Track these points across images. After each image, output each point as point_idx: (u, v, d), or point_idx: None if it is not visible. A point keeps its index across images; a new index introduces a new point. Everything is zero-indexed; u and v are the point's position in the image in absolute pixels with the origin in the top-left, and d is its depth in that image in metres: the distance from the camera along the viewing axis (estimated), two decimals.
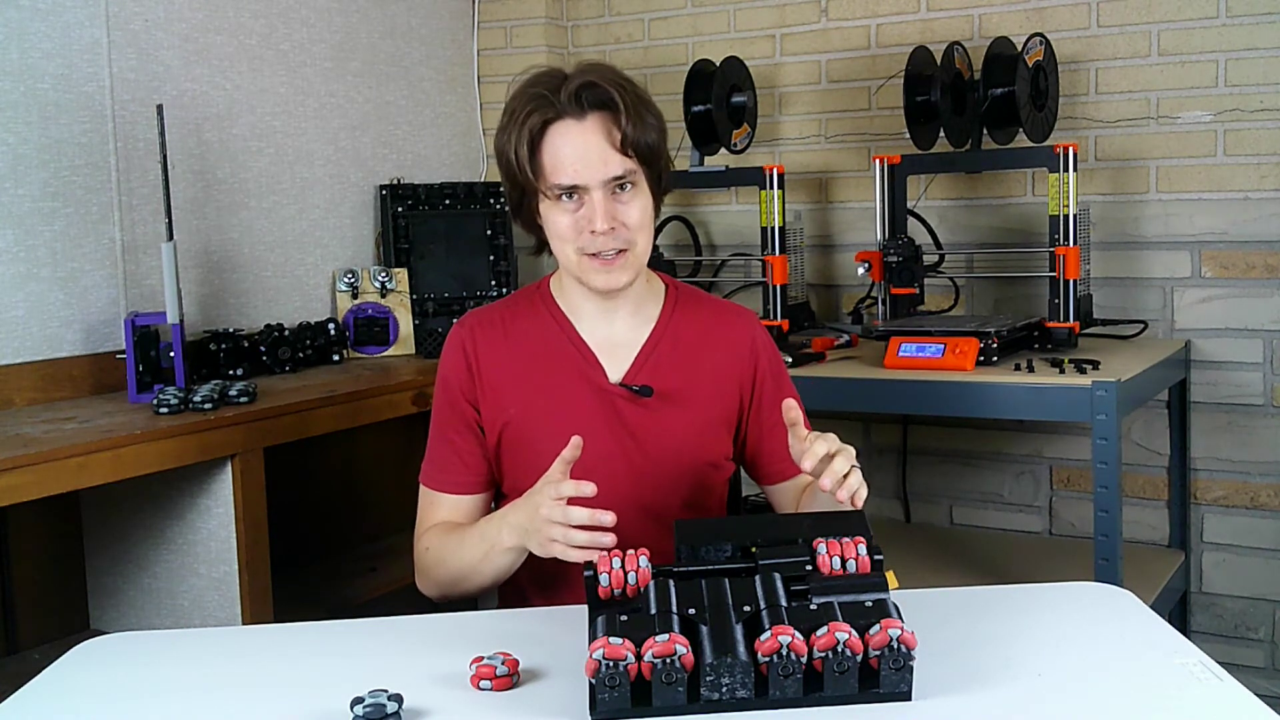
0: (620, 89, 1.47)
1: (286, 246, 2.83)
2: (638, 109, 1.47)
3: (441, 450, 1.61)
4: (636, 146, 1.46)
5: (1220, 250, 2.71)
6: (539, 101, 1.47)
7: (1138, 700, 1.10)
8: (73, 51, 2.35)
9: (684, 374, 1.59)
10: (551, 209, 1.50)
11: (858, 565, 1.18)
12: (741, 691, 1.06)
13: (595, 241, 1.48)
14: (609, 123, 1.46)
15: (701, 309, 1.64)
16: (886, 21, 3.04)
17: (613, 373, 1.57)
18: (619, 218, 1.47)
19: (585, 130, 1.46)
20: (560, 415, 1.55)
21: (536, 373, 1.57)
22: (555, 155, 1.46)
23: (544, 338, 1.59)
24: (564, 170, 1.46)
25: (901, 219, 2.82)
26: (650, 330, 1.60)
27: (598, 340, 1.58)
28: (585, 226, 1.47)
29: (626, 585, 1.18)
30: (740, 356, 1.62)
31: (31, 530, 2.30)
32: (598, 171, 1.46)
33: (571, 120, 1.46)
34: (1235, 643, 2.77)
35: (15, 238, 2.25)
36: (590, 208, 1.47)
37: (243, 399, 2.18)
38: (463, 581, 1.52)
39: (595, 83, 1.46)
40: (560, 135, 1.46)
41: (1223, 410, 2.74)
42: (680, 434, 1.57)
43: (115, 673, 1.27)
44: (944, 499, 3.07)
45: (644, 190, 1.51)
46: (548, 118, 1.46)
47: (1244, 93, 2.66)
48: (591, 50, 3.42)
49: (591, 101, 1.46)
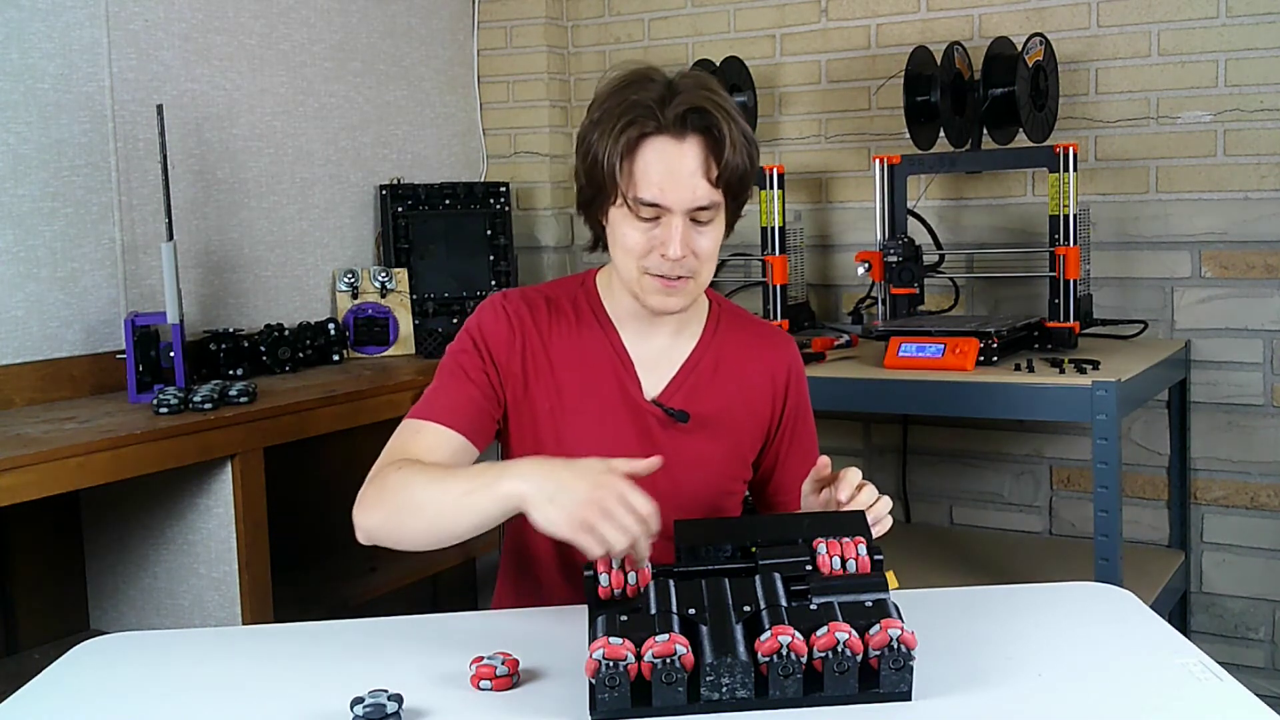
0: (729, 119, 1.41)
1: (286, 246, 2.83)
2: (739, 140, 1.41)
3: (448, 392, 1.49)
4: (729, 180, 1.41)
5: (1220, 250, 2.71)
6: (641, 111, 1.39)
7: (1138, 700, 1.10)
8: (73, 51, 2.35)
9: (719, 398, 1.54)
10: (624, 220, 1.44)
11: (858, 565, 1.18)
12: (741, 691, 1.06)
13: (664, 265, 1.42)
14: (707, 150, 1.40)
15: (744, 331, 1.60)
16: (886, 21, 3.04)
17: (649, 387, 1.53)
18: (692, 246, 1.42)
19: (683, 153, 1.39)
20: (593, 420, 1.50)
21: (576, 369, 1.52)
22: (646, 169, 1.40)
23: (585, 336, 1.54)
24: (651, 187, 1.40)
25: (901, 219, 2.82)
26: (693, 348, 1.56)
27: (639, 351, 1.54)
28: (657, 248, 1.42)
29: (626, 585, 1.18)
30: (776, 385, 1.59)
31: (31, 530, 2.30)
32: (686, 198, 1.40)
33: (670, 139, 1.39)
34: (1235, 643, 2.77)
35: (15, 238, 2.25)
36: (667, 230, 1.41)
37: (243, 399, 2.18)
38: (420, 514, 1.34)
39: (705, 110, 1.40)
40: (656, 151, 1.40)
41: (1223, 410, 2.74)
42: (706, 461, 1.53)
43: (115, 673, 1.27)
44: (944, 499, 3.07)
45: (720, 224, 1.46)
46: (646, 130, 1.39)
47: (1244, 93, 2.66)
48: (591, 50, 3.42)
49: (696, 125, 1.40)
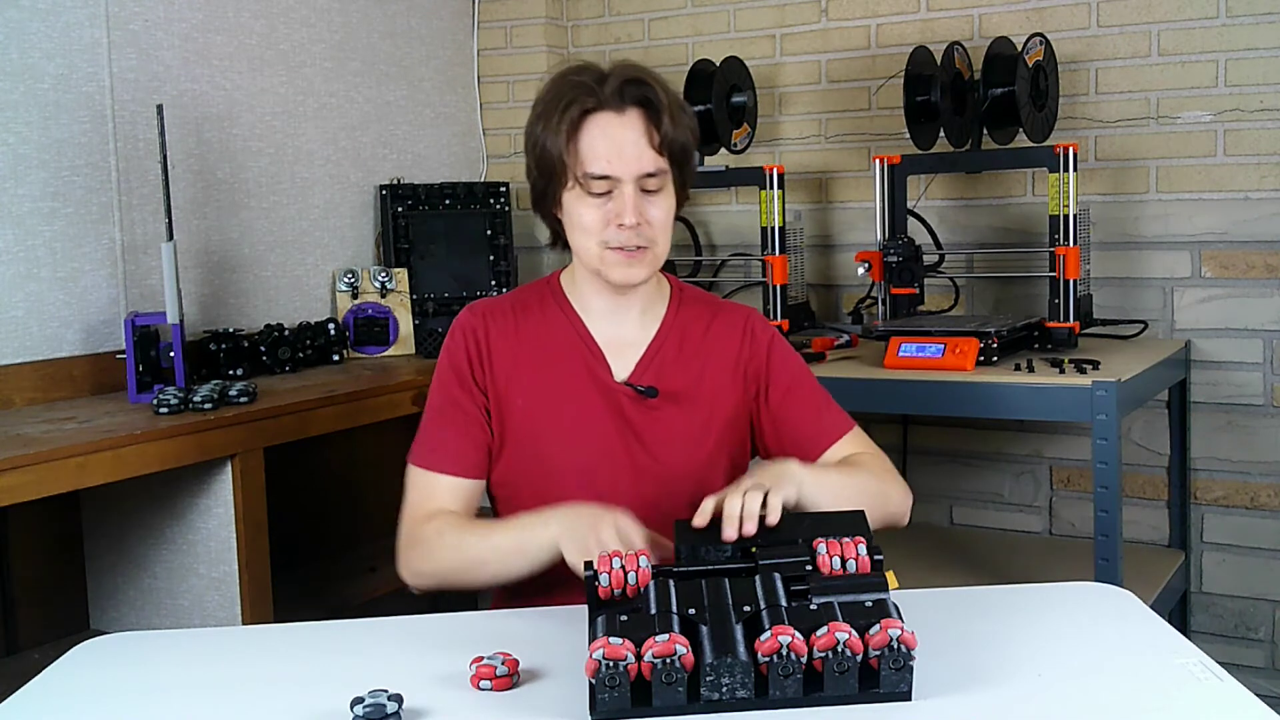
0: (663, 88, 1.51)
1: (286, 246, 2.83)
2: (676, 110, 1.51)
3: (443, 431, 1.58)
4: (671, 147, 1.49)
5: (1220, 250, 2.71)
6: (580, 90, 1.49)
7: (1138, 700, 1.10)
8: (73, 51, 2.35)
9: (688, 374, 1.60)
10: (578, 201, 1.51)
11: (858, 565, 1.18)
12: (741, 691, 1.06)
13: (621, 235, 1.50)
14: (648, 120, 1.49)
15: (704, 308, 1.66)
16: (886, 21, 3.04)
17: (619, 371, 1.59)
18: (645, 215, 1.50)
19: (625, 124, 1.49)
20: (566, 410, 1.57)
21: (545, 365, 1.58)
22: (592, 145, 1.49)
23: (553, 332, 1.61)
24: (599, 160, 1.48)
25: (901, 219, 2.82)
26: (656, 329, 1.62)
27: (606, 338, 1.60)
28: (612, 220, 1.49)
29: (626, 585, 1.18)
30: (740, 351, 1.63)
31: (31, 530, 2.30)
32: (632, 165, 1.48)
33: (612, 113, 1.49)
34: (1235, 643, 2.77)
35: (15, 238, 2.25)
36: (620, 201, 1.49)
37: (243, 399, 2.18)
38: (473, 570, 1.48)
39: (640, 79, 1.50)
40: (599, 126, 1.49)
41: (1223, 410, 2.74)
42: (682, 433, 1.59)
43: (115, 673, 1.27)
44: (944, 499, 3.07)
45: (670, 192, 1.54)
46: (588, 107, 1.49)
47: (1244, 93, 2.66)
48: (591, 50, 3.42)
49: (634, 97, 1.49)
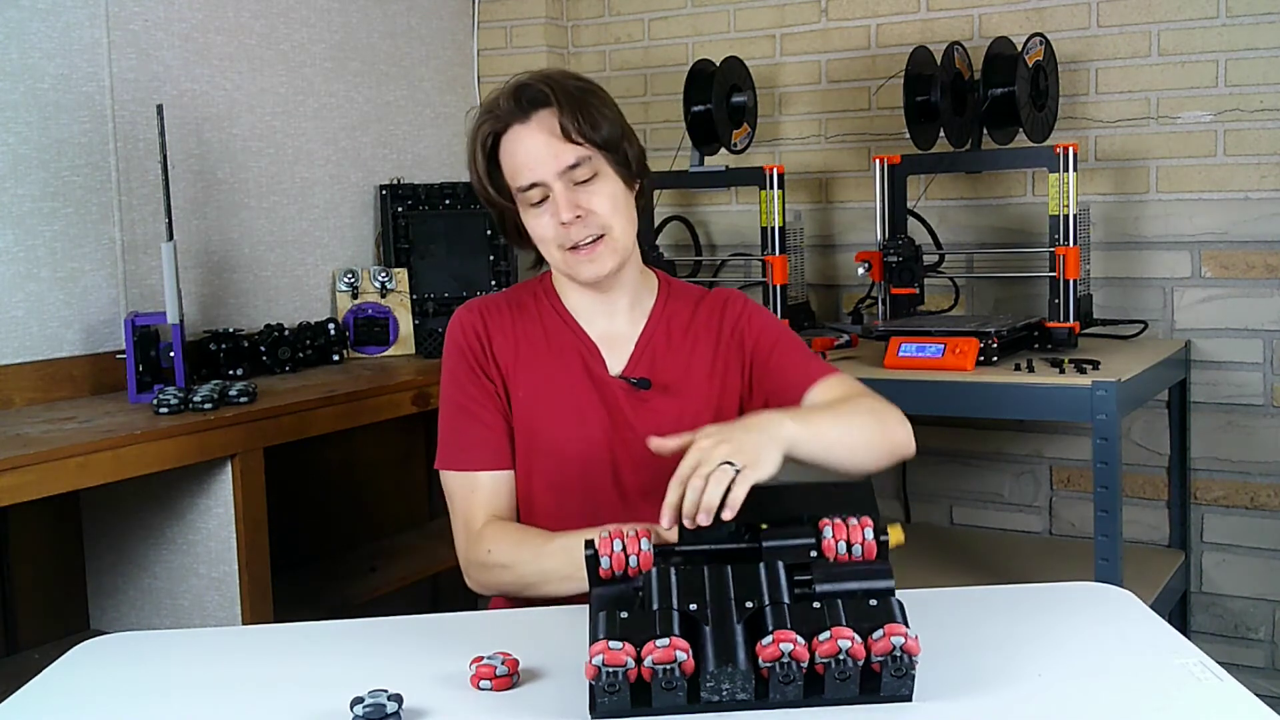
0: (550, 83, 1.51)
1: (286, 246, 2.83)
2: (575, 98, 1.51)
3: (466, 427, 1.58)
4: (584, 134, 1.50)
5: (1220, 250, 2.71)
6: (485, 117, 1.54)
7: (1138, 700, 1.10)
8: (73, 51, 2.35)
9: (679, 364, 1.62)
10: (529, 217, 1.54)
11: (864, 550, 1.18)
12: (741, 695, 1.06)
13: (569, 233, 1.51)
14: (551, 117, 1.50)
15: (689, 299, 1.69)
16: (886, 21, 3.04)
17: (613, 365, 1.61)
18: (584, 205, 1.51)
19: (532, 129, 1.51)
20: (563, 403, 1.58)
21: (541, 359, 1.60)
22: (512, 161, 1.52)
23: (548, 327, 1.63)
24: (522, 171, 1.51)
25: (901, 219, 2.82)
26: (645, 323, 1.64)
27: (599, 333, 1.62)
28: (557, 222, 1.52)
29: (628, 567, 1.19)
30: (721, 330, 1.65)
31: (31, 530, 2.30)
32: (550, 164, 1.50)
33: (518, 125, 1.51)
34: (1235, 643, 2.77)
35: (15, 238, 2.25)
36: (555, 202, 1.51)
37: (243, 399, 2.18)
38: (535, 589, 1.49)
39: (527, 83, 1.52)
40: (511, 141, 1.52)
41: (1223, 410, 2.74)
42: (675, 422, 1.57)
43: (115, 673, 1.27)
44: (944, 499, 3.07)
45: (610, 177, 1.54)
46: (497, 129, 1.53)
47: (1244, 93, 2.66)
48: (591, 50, 3.42)
49: (530, 101, 1.51)
